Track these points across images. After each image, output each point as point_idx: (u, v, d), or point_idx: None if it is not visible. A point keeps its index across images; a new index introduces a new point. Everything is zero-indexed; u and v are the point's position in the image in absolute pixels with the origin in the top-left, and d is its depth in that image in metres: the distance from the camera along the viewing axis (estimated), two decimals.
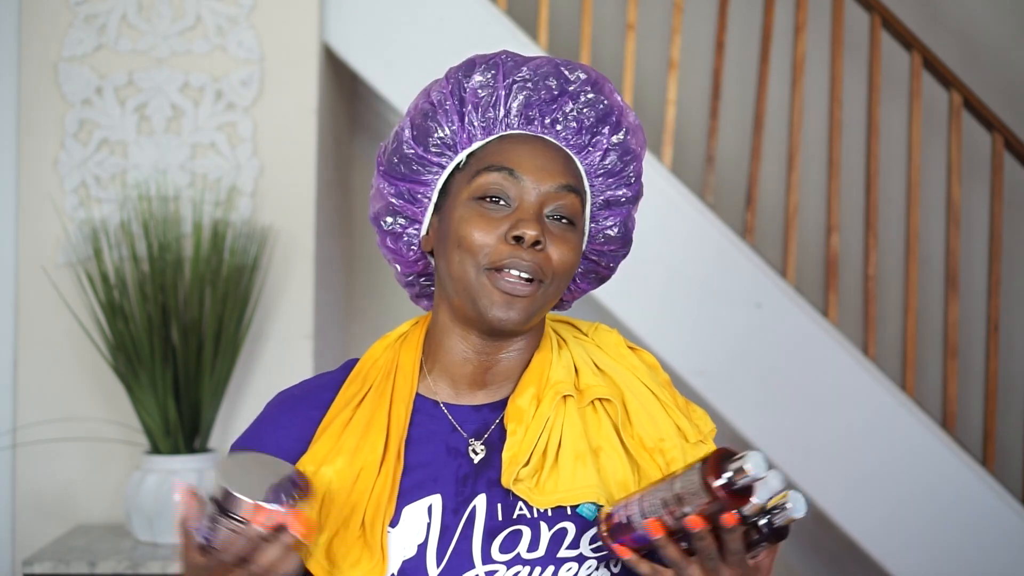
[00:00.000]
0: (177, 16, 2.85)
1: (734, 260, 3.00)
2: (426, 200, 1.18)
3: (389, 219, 1.20)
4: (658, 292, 3.00)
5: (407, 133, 1.17)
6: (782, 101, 3.53)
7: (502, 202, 1.13)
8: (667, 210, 3.00)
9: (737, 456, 1.01)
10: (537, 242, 1.11)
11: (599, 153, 1.17)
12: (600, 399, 1.17)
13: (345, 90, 3.35)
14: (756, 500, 1.01)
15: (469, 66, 1.17)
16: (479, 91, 1.15)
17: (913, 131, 3.16)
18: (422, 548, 1.10)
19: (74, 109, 2.82)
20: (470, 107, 1.15)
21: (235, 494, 1.02)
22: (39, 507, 2.79)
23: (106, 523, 2.79)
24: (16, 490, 2.80)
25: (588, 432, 1.15)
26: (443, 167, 1.16)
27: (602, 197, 1.19)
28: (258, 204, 2.85)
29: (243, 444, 1.20)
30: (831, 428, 3.01)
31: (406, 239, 1.20)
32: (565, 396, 1.16)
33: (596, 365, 1.21)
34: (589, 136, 1.16)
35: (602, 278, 1.25)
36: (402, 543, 1.11)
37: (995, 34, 3.81)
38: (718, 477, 1.00)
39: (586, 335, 1.25)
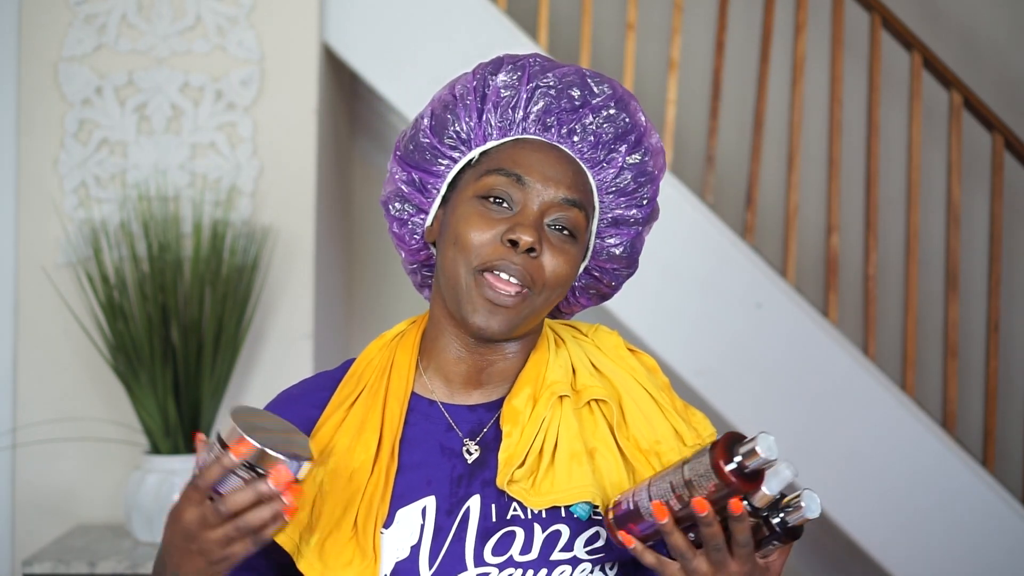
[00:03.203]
0: (177, 16, 2.85)
1: (734, 260, 3.00)
2: (435, 191, 1.17)
3: (397, 205, 1.19)
4: (658, 292, 2.99)
5: (425, 122, 1.17)
6: (782, 101, 3.54)
7: (505, 204, 1.12)
8: (667, 210, 2.97)
9: (748, 439, 0.99)
10: (532, 248, 1.10)
11: (613, 170, 1.16)
12: (596, 400, 1.16)
13: (345, 90, 3.35)
14: (766, 490, 0.99)
15: (497, 64, 1.16)
16: (502, 91, 1.14)
17: (913, 131, 3.16)
18: (415, 549, 1.10)
19: (74, 109, 2.82)
20: (490, 105, 1.14)
21: (257, 444, 0.98)
22: (39, 507, 2.79)
23: (106, 523, 2.79)
24: (16, 490, 2.80)
25: (584, 433, 1.14)
26: (455, 161, 1.16)
27: (611, 215, 1.17)
28: (258, 204, 2.85)
29: None
30: (831, 428, 3.01)
31: (410, 227, 1.20)
32: (561, 396, 1.15)
33: (594, 366, 1.20)
34: (605, 152, 1.15)
35: (603, 296, 1.23)
36: (395, 544, 1.10)
37: (995, 34, 3.81)
38: (728, 460, 0.98)
39: (586, 336, 1.24)
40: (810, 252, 3.66)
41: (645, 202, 1.18)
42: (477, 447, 1.14)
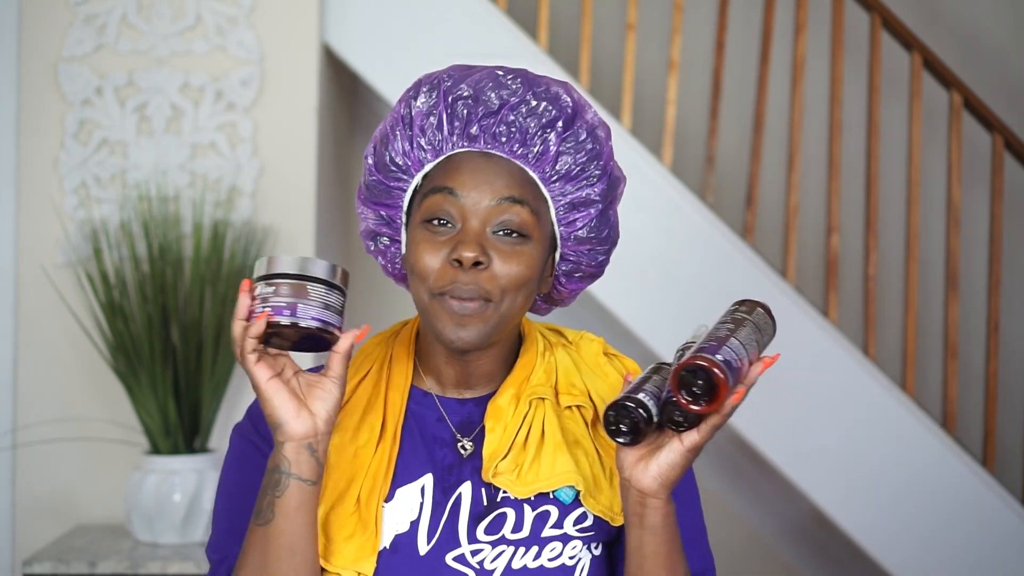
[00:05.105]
0: (177, 16, 2.85)
1: (734, 260, 3.00)
2: (399, 221, 1.21)
3: (371, 243, 1.24)
4: (658, 292, 2.99)
5: (370, 160, 1.20)
6: (782, 101, 3.53)
7: (448, 224, 1.14)
8: (667, 210, 3.00)
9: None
10: (478, 263, 1.11)
11: (549, 159, 1.16)
12: (576, 405, 1.20)
13: (345, 90, 3.35)
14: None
15: (416, 88, 1.18)
16: (424, 114, 1.16)
17: (913, 131, 3.15)
18: (415, 524, 1.15)
19: (74, 109, 2.82)
20: (417, 130, 1.17)
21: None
22: (39, 507, 2.79)
23: (106, 523, 2.79)
24: (16, 490, 2.80)
25: (565, 428, 1.19)
26: (403, 191, 1.19)
27: (566, 200, 1.18)
28: (258, 204, 2.85)
29: (251, 417, 1.22)
30: (831, 428, 3.01)
31: (391, 256, 1.24)
32: (543, 399, 1.19)
33: (576, 373, 1.23)
34: (538, 143, 1.15)
35: (592, 275, 1.24)
36: (395, 518, 1.15)
37: (995, 34, 3.81)
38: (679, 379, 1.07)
39: (571, 343, 1.27)
40: (810, 252, 3.66)
41: (596, 180, 1.17)
42: (471, 443, 1.19)
